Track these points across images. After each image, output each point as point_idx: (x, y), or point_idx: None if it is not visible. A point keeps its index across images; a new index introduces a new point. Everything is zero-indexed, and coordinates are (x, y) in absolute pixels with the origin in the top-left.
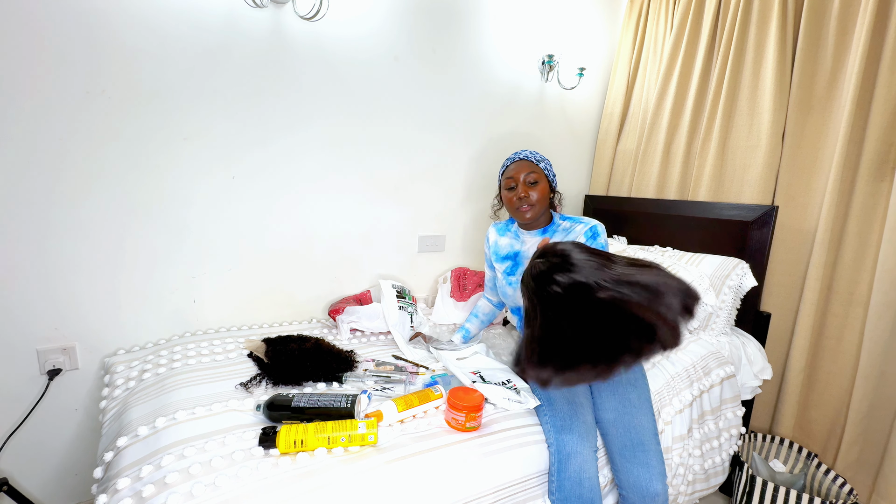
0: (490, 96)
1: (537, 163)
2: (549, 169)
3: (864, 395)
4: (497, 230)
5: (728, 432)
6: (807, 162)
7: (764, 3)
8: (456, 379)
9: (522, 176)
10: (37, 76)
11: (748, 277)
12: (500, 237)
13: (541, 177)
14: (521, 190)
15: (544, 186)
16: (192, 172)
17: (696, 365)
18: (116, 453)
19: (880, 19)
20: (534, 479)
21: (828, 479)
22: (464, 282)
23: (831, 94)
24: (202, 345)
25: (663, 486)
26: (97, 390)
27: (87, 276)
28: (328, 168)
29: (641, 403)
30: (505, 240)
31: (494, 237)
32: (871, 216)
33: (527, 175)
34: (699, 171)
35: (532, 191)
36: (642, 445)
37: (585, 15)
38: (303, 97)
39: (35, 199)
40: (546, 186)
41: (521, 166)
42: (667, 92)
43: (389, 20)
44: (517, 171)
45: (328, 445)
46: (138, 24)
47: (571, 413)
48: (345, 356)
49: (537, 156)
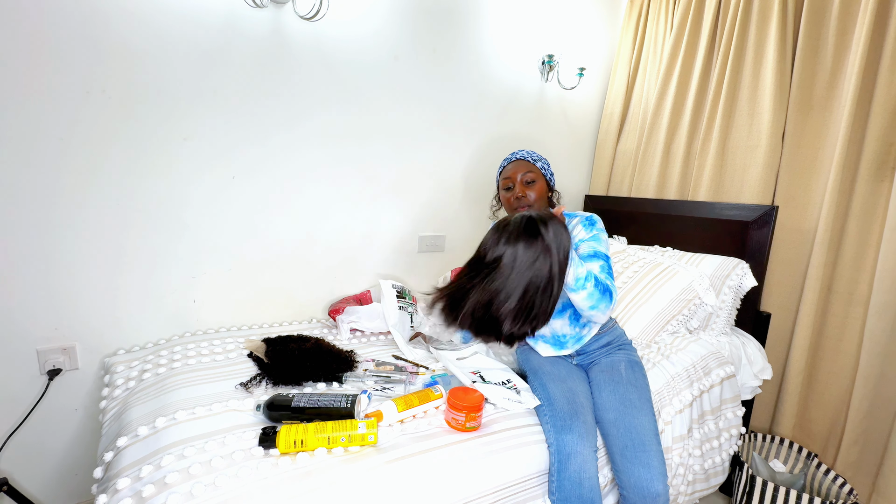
0: (490, 96)
1: (534, 162)
2: (546, 168)
3: (864, 395)
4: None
5: (728, 432)
6: (807, 162)
7: (764, 3)
8: (456, 379)
9: (520, 176)
10: (36, 75)
11: (748, 277)
12: None
13: (538, 176)
14: (519, 190)
15: (542, 185)
16: (191, 172)
17: (696, 365)
18: (116, 453)
19: (880, 19)
20: (534, 479)
21: (828, 479)
22: None
23: (831, 94)
24: (202, 345)
25: (664, 487)
26: (97, 390)
27: (87, 276)
28: (328, 168)
29: (642, 404)
30: None
31: None
32: (871, 216)
33: (524, 175)
34: (699, 171)
35: (529, 190)
36: (643, 446)
37: (585, 15)
38: (303, 97)
39: (35, 199)
40: (544, 185)
41: (518, 166)
42: (667, 92)
43: (389, 20)
44: (514, 170)
45: (328, 445)
46: (138, 24)
47: (572, 413)
48: (345, 356)
49: (534, 155)
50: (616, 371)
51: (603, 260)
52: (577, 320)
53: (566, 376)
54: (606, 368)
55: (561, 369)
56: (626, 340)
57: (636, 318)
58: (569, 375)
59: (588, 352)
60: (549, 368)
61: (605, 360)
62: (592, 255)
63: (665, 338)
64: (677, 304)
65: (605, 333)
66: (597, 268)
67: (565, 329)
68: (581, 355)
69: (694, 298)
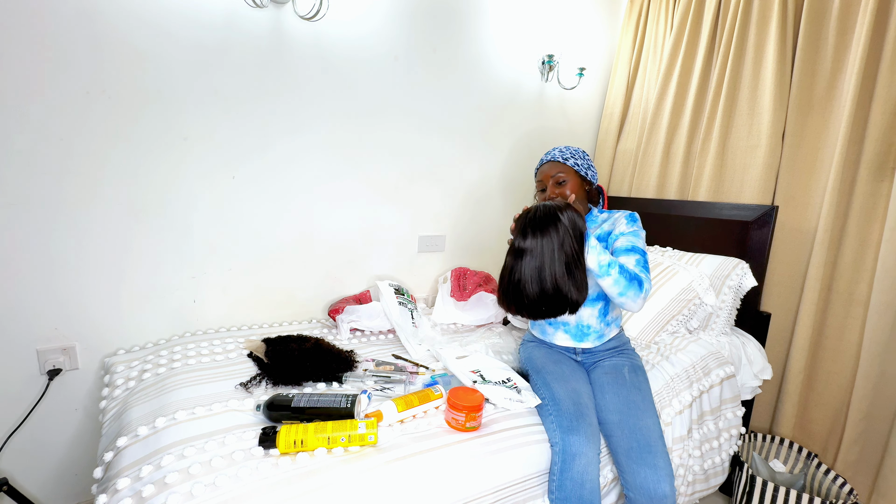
0: (490, 96)
1: (564, 161)
2: (579, 164)
3: (864, 395)
4: None
5: (728, 432)
6: (807, 162)
7: (764, 3)
8: (456, 379)
9: (551, 177)
10: (36, 75)
11: (748, 277)
12: None
13: (569, 174)
14: (550, 191)
15: (574, 182)
16: (191, 172)
17: (696, 365)
18: (116, 453)
19: (880, 19)
20: (534, 479)
21: (828, 479)
22: (464, 281)
23: (831, 94)
24: (202, 345)
25: (671, 489)
26: (97, 390)
27: (87, 276)
28: (328, 167)
29: (646, 406)
30: None
31: None
32: (871, 216)
33: (555, 176)
34: (699, 171)
35: (562, 189)
36: (649, 447)
37: (585, 15)
38: (302, 97)
39: (34, 199)
40: (577, 182)
41: (550, 167)
42: (667, 92)
43: (389, 20)
44: (546, 172)
45: (328, 445)
46: (138, 24)
47: (578, 414)
48: (345, 356)
49: (566, 153)
50: (620, 374)
51: (639, 254)
52: (604, 316)
53: (570, 376)
54: (610, 371)
55: (565, 369)
56: (631, 347)
57: (636, 318)
58: (572, 375)
59: (595, 352)
60: (553, 368)
61: (609, 362)
62: (630, 248)
63: (665, 338)
64: (677, 304)
65: (614, 338)
66: (632, 261)
67: (592, 321)
68: (587, 353)
69: (694, 298)
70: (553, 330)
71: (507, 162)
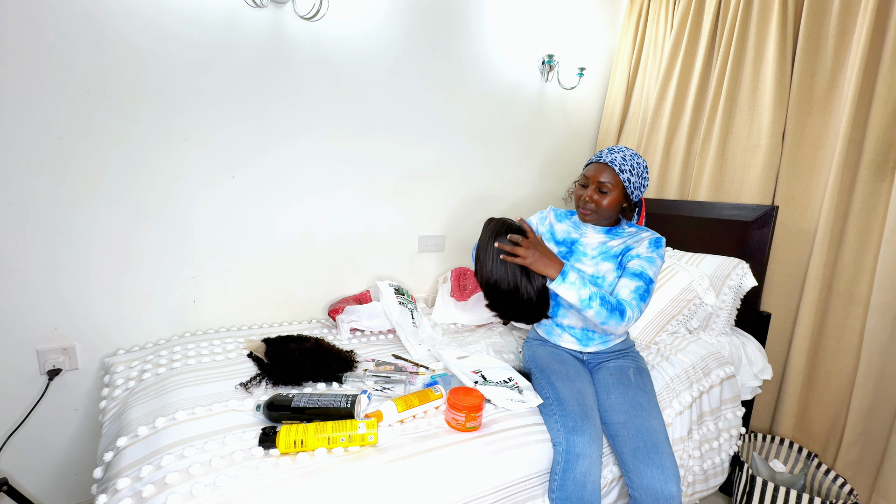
0: (490, 96)
1: (620, 173)
2: (631, 182)
3: (864, 395)
4: (556, 215)
5: (728, 433)
6: (807, 162)
7: (764, 3)
8: (456, 379)
9: (598, 181)
10: (36, 75)
11: (748, 277)
12: (558, 223)
13: (616, 187)
14: (589, 194)
15: (616, 197)
16: (191, 172)
17: (696, 366)
18: (116, 453)
19: (880, 19)
20: (534, 479)
21: (828, 479)
22: (464, 281)
23: (831, 94)
24: (202, 345)
25: (678, 489)
26: (97, 390)
27: (87, 276)
28: (328, 167)
29: (651, 407)
30: (562, 226)
31: (553, 219)
32: (871, 216)
33: (601, 182)
34: (699, 171)
35: (600, 198)
36: (655, 447)
37: (585, 15)
38: (302, 96)
39: (34, 199)
40: (618, 197)
41: (601, 170)
42: (667, 92)
43: (389, 20)
44: (596, 173)
45: (328, 445)
46: (138, 24)
47: (583, 415)
48: (345, 356)
49: (624, 166)
50: (625, 375)
51: (643, 282)
52: None
53: (574, 376)
54: (615, 372)
55: (569, 369)
56: (636, 350)
57: None
58: (577, 375)
59: (600, 352)
60: (558, 367)
61: (614, 363)
62: (637, 274)
63: (665, 338)
64: (677, 304)
65: (620, 342)
66: (631, 286)
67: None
68: (592, 355)
69: (694, 298)
70: (560, 332)
71: (507, 161)
